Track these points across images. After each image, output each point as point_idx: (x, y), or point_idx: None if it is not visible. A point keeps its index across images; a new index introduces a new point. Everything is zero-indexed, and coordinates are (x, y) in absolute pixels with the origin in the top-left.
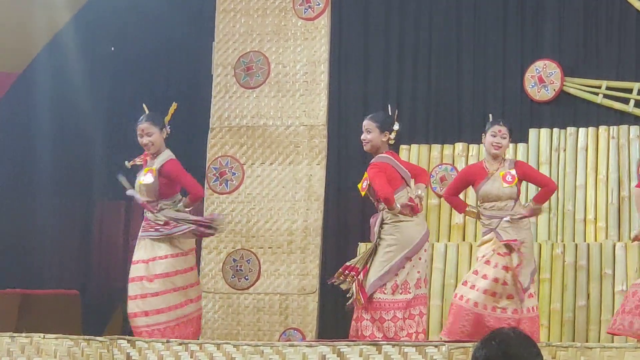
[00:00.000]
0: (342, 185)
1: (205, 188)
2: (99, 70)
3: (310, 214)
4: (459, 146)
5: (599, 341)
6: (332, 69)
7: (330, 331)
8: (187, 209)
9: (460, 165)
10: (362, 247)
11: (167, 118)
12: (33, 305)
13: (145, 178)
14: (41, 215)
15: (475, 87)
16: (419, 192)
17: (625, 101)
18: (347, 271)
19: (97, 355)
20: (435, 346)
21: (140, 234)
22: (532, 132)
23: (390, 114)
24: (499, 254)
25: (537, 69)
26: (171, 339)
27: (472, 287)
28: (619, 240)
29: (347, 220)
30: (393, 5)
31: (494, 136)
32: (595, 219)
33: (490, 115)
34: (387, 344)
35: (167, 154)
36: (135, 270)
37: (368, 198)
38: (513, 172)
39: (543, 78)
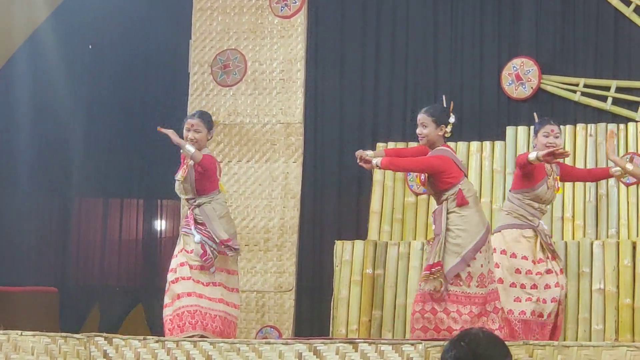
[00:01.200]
0: (319, 183)
1: None
2: (77, 67)
3: (286, 211)
4: None
5: (576, 340)
6: (309, 66)
7: (307, 329)
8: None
9: None
10: (339, 245)
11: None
12: (11, 302)
13: (180, 172)
14: (19, 212)
15: (453, 85)
16: None
17: (603, 99)
18: (432, 269)
19: (74, 352)
20: (412, 344)
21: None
22: (510, 130)
23: (445, 106)
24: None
25: (514, 67)
26: (148, 337)
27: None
28: (596, 238)
29: (324, 218)
30: (369, 2)
31: (547, 136)
32: (573, 217)
33: (535, 114)
34: (364, 342)
35: (205, 151)
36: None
37: (345, 196)
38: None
39: (520, 76)
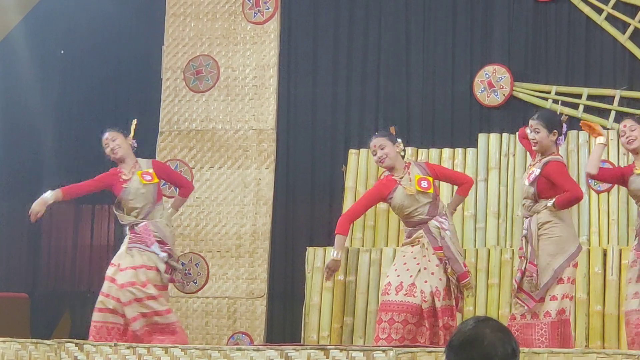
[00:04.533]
0: (291, 190)
1: None
2: (49, 73)
3: (258, 218)
4: (408, 150)
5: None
6: (281, 73)
7: (279, 335)
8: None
9: None
10: (311, 252)
11: (131, 135)
12: None
13: (146, 178)
14: None
15: (425, 92)
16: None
17: (575, 106)
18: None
19: (45, 358)
20: (383, 351)
21: (129, 244)
22: (482, 137)
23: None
24: None
25: (486, 74)
26: (119, 343)
27: None
28: None
29: (296, 225)
30: (342, 9)
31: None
32: None
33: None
34: (335, 348)
35: (146, 159)
36: (125, 276)
37: (317, 202)
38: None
39: (492, 83)
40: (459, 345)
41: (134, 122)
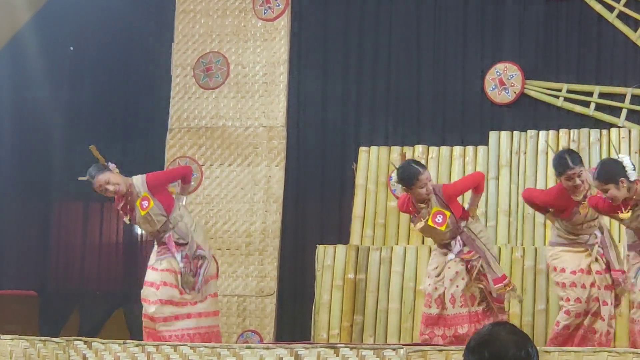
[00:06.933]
0: (301, 187)
1: None
2: (59, 70)
3: (268, 215)
4: (419, 148)
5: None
6: (292, 70)
7: (288, 333)
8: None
9: None
10: (321, 250)
11: (102, 160)
12: None
13: (144, 205)
14: None
15: (435, 89)
16: None
17: (586, 104)
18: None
19: (54, 356)
20: (393, 349)
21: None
22: (493, 135)
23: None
24: None
25: (497, 72)
26: (128, 341)
27: None
28: None
29: (306, 222)
30: (353, 6)
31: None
32: None
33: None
34: (345, 347)
35: (138, 177)
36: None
37: (328, 200)
38: None
39: (504, 80)
40: (474, 346)
41: (92, 148)
